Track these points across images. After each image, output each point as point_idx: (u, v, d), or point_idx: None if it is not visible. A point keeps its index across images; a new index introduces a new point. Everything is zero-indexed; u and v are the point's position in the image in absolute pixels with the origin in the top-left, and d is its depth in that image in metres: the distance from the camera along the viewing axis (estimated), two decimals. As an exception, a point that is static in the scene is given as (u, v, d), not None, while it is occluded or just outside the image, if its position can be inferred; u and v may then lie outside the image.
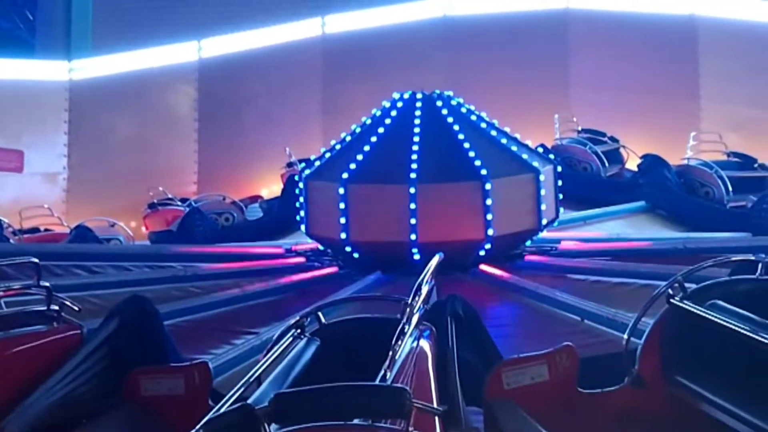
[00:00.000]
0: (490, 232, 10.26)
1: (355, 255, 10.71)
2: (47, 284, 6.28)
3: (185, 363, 6.18)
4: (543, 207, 10.65)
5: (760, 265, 5.86)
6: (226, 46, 19.74)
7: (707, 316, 5.40)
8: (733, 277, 6.17)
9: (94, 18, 20.34)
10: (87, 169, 18.80)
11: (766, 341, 4.84)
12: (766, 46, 17.14)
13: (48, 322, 6.21)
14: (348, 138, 11.39)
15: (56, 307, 6.23)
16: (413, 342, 4.91)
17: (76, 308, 6.35)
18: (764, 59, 17.15)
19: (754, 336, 4.96)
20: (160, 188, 17.75)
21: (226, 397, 4.14)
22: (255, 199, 18.26)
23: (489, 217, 10.22)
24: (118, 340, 6.33)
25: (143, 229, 17.10)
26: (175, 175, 19.09)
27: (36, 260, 6.51)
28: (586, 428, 5.45)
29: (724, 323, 5.23)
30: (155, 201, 17.43)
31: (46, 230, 16.45)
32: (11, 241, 14.98)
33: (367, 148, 10.77)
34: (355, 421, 3.42)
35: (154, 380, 5.74)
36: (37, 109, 18.81)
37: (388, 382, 3.99)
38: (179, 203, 17.21)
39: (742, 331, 5.07)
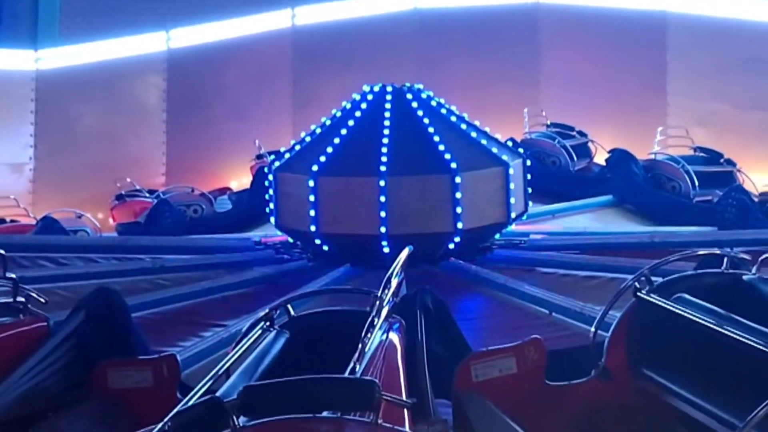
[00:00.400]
0: (460, 225, 10.30)
1: (325, 247, 10.70)
2: (13, 276, 6.23)
3: (153, 355, 6.16)
4: (512, 200, 10.70)
5: (725, 259, 5.94)
6: (195, 36, 19.60)
7: (673, 309, 5.46)
8: (698, 271, 6.25)
9: (61, 7, 20.09)
10: (54, 160, 18.59)
11: (730, 334, 4.91)
12: (733, 42, 17.31)
13: (14, 314, 6.16)
14: (318, 130, 11.37)
15: (22, 299, 6.19)
16: (383, 335, 4.93)
17: (43, 300, 6.30)
18: (731, 55, 17.33)
19: (718, 329, 5.03)
20: (128, 179, 17.61)
21: (195, 390, 4.13)
22: (224, 191, 18.16)
23: (458, 210, 10.25)
24: (85, 333, 6.30)
25: (111, 220, 16.96)
26: (143, 166, 18.93)
27: (2, 252, 6.45)
28: (554, 420, 5.49)
29: (690, 316, 5.30)
30: (123, 192, 17.29)
31: (12, 221, 16.26)
32: (-24, 232, 14.79)
33: (337, 140, 10.75)
34: (324, 413, 3.43)
35: (121, 373, 5.71)
36: (3, 99, 18.56)
37: (358, 375, 4.01)
38: (147, 195, 17.08)
39: (707, 324, 5.14)
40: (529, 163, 11.45)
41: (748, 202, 12.80)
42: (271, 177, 11.25)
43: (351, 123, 10.96)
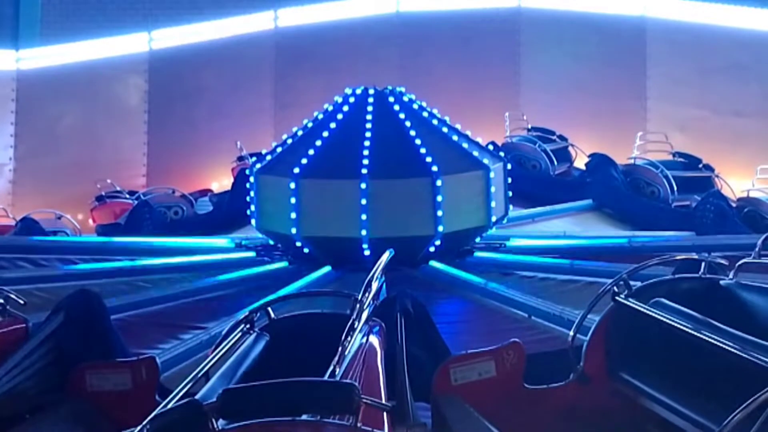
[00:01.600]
0: (440, 228, 10.32)
1: (306, 250, 10.70)
2: (-8, 277, 6.20)
3: (132, 358, 6.14)
4: (493, 204, 10.73)
5: (703, 264, 5.99)
6: (177, 37, 19.54)
7: (651, 313, 5.50)
8: (676, 276, 6.30)
9: (42, 7, 19.98)
10: (34, 161, 18.48)
11: (707, 339, 4.95)
12: (712, 48, 17.44)
13: (-8, 315, 6.12)
14: (299, 133, 11.35)
15: (1, 301, 6.15)
16: (362, 338, 4.94)
17: (22, 302, 6.27)
18: (710, 61, 17.46)
19: (695, 333, 5.07)
20: (108, 181, 17.51)
21: (174, 393, 4.13)
22: (205, 192, 18.09)
23: (439, 213, 10.26)
24: (63, 335, 6.27)
25: (90, 221, 16.86)
26: (124, 167, 18.84)
27: (-20, 253, 6.42)
28: (532, 423, 5.52)
29: (667, 321, 5.34)
30: (103, 193, 17.19)
31: (-10, 222, 16.15)
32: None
33: (318, 143, 10.75)
34: (304, 416, 3.43)
35: (100, 375, 5.69)
36: (-17, 99, 18.46)
37: (337, 378, 4.01)
38: (127, 196, 17.00)
39: (684, 328, 5.18)
40: (509, 166, 11.49)
41: (725, 208, 12.88)
42: (252, 179, 11.23)
43: (333, 125, 10.96)
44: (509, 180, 11.30)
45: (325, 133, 10.86)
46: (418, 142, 10.68)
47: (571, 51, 18.66)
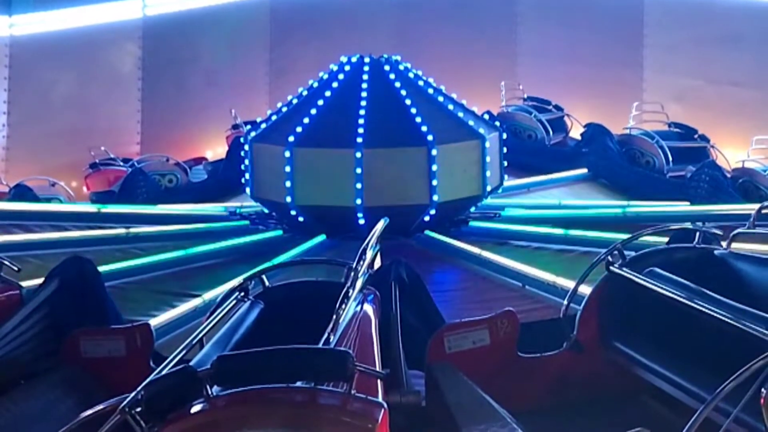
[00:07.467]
0: (435, 197, 10.32)
1: (300, 218, 10.70)
2: (-15, 244, 6.19)
3: (126, 325, 6.15)
4: (488, 173, 10.74)
5: (697, 234, 6.01)
6: (171, 3, 19.38)
7: (645, 283, 5.52)
8: (670, 246, 6.32)
9: (35, -28, 19.79)
10: (27, 127, 18.35)
11: (700, 308, 4.97)
12: (709, 18, 17.35)
13: (-14, 282, 6.12)
14: (295, 101, 11.32)
15: (-6, 267, 6.15)
16: (357, 306, 4.94)
17: (15, 268, 6.27)
18: (707, 31, 17.37)
19: (688, 303, 5.09)
20: (102, 148, 17.43)
21: (168, 359, 4.13)
22: (199, 160, 18.05)
23: (434, 182, 10.26)
24: (58, 301, 6.27)
25: (84, 189, 16.81)
26: (118, 134, 18.74)
27: (-27, 219, 6.40)
28: (526, 391, 5.55)
29: (661, 290, 5.35)
30: (97, 161, 17.12)
31: (-16, 189, 16.09)
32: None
33: (313, 111, 10.71)
34: (298, 383, 3.44)
35: (94, 342, 5.71)
36: (-24, 65, 18.31)
37: (332, 346, 4.02)
38: (122, 163, 16.94)
39: (678, 298, 5.20)
40: (505, 136, 11.48)
41: (720, 178, 12.90)
42: (246, 147, 11.20)
43: (328, 94, 10.92)
44: (504, 150, 11.29)
45: (321, 102, 10.83)
46: (413, 111, 10.65)
47: (568, 20, 18.55)
